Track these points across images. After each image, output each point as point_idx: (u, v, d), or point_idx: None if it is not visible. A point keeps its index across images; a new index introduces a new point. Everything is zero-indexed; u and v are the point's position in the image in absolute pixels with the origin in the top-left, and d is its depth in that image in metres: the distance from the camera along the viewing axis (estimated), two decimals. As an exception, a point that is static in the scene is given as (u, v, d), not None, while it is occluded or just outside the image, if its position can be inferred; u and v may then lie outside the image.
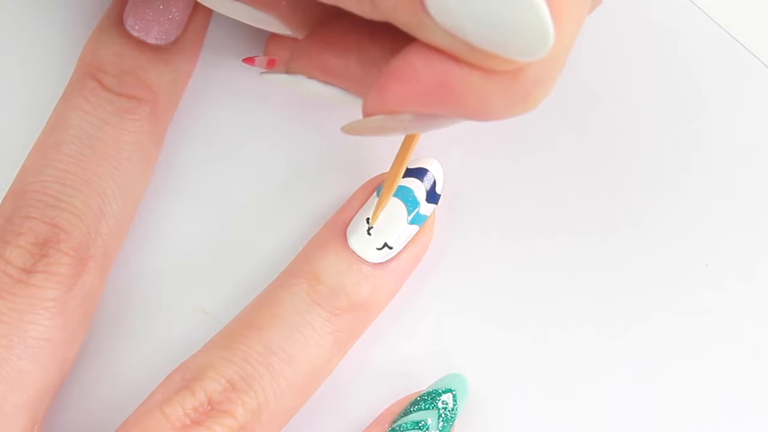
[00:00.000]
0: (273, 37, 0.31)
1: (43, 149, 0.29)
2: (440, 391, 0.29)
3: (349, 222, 0.30)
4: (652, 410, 0.31)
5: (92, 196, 0.28)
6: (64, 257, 0.28)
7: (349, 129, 0.23)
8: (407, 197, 0.30)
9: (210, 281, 0.31)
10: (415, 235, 0.30)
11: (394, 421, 0.29)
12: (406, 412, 0.29)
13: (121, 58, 0.30)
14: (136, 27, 0.30)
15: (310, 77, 0.25)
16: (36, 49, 0.32)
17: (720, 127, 0.33)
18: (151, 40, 0.30)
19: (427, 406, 0.29)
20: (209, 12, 0.32)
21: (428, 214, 0.30)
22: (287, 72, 0.25)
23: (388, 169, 0.29)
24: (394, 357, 0.31)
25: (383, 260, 0.29)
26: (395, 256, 0.30)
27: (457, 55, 0.21)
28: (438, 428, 0.29)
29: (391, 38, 0.23)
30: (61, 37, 0.32)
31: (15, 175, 0.29)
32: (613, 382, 0.31)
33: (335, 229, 0.30)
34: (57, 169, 0.29)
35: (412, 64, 0.21)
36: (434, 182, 0.30)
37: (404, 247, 0.30)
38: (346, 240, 0.29)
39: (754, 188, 0.32)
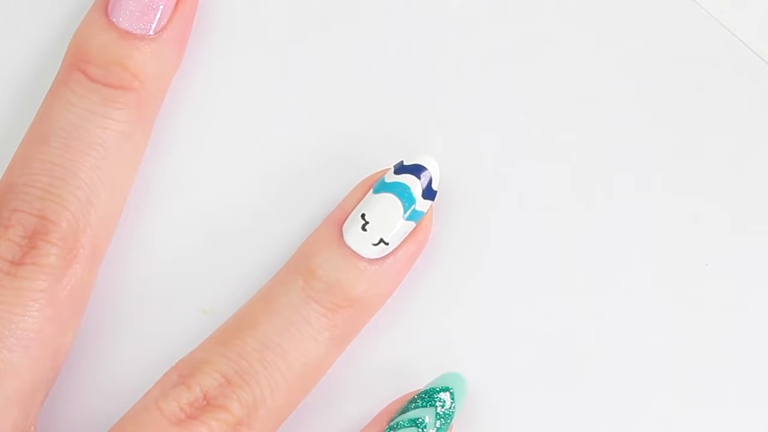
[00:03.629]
0: None
1: (31, 142, 0.29)
2: (438, 389, 0.29)
3: (345, 219, 0.30)
4: (653, 410, 0.31)
5: (80, 187, 0.29)
6: (52, 248, 0.28)
7: None
8: (403, 193, 0.30)
9: (208, 279, 0.31)
10: (412, 231, 0.30)
11: (392, 419, 0.29)
12: (404, 410, 0.29)
13: (106, 49, 0.30)
14: (121, 18, 0.30)
15: None
16: (23, 43, 0.32)
17: (721, 125, 0.33)
18: (137, 31, 0.30)
19: (424, 404, 0.29)
20: (195, 1, 0.32)
21: (425, 211, 0.30)
22: None
23: (386, 167, 0.29)
24: (392, 355, 0.31)
25: (379, 256, 0.29)
26: (392, 252, 0.30)
27: None
28: (435, 426, 0.29)
29: None
30: (48, 30, 0.32)
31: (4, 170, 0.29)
32: (613, 382, 0.31)
33: (331, 225, 0.30)
34: (44, 162, 0.29)
35: None
36: (430, 179, 0.30)
37: (401, 244, 0.30)
38: (341, 236, 0.29)
39: (755, 187, 0.32)
